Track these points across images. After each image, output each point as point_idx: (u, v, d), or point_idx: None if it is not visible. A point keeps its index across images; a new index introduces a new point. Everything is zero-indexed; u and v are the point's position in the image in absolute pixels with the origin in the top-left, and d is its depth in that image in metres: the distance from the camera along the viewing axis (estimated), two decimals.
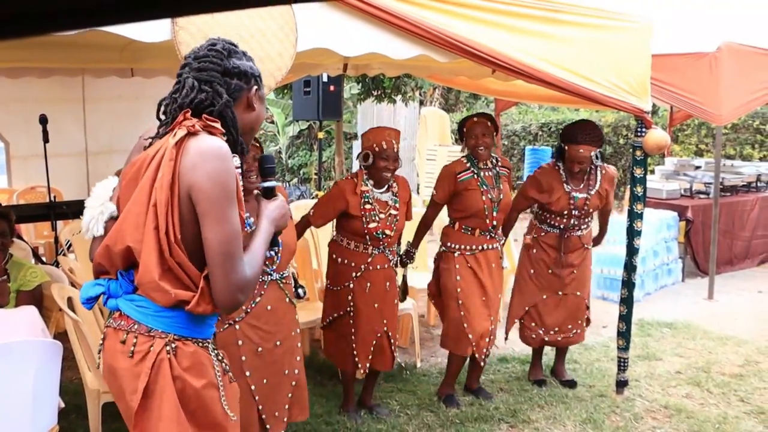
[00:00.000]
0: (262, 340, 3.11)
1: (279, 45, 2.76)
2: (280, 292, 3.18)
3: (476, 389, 4.55)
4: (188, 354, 1.97)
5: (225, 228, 1.88)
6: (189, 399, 1.96)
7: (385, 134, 3.90)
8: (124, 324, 1.97)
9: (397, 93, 8.72)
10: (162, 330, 1.94)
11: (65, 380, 4.05)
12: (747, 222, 8.28)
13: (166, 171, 1.88)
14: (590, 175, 4.41)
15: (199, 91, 1.97)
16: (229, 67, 2.01)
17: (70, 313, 3.43)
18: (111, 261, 1.99)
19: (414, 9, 3.17)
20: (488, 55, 3.43)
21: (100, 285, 2.02)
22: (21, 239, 5.15)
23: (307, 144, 15.52)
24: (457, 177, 4.18)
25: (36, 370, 2.81)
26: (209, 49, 2.03)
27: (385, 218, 3.91)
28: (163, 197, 1.87)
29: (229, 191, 1.89)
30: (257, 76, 2.10)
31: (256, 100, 2.09)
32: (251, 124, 2.12)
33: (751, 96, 6.47)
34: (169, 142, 1.91)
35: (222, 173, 1.88)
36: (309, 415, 3.54)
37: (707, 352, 5.40)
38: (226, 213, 1.88)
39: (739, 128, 11.63)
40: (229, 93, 2.01)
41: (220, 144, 1.92)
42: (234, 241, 1.89)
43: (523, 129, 14.21)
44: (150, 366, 1.91)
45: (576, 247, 4.47)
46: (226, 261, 1.88)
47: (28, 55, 4.37)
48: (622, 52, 3.92)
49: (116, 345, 1.98)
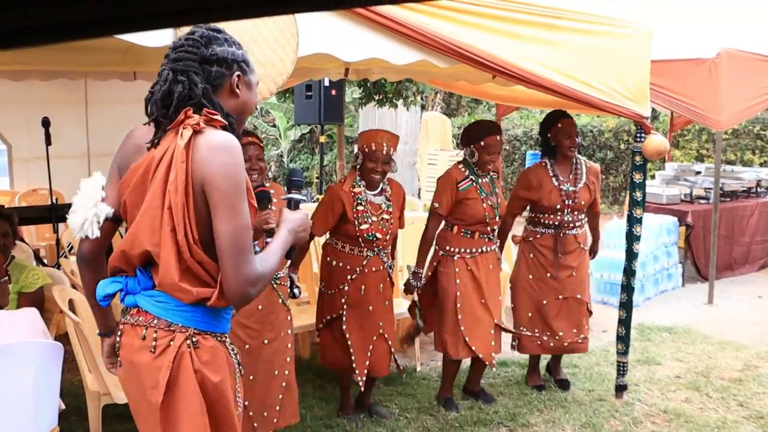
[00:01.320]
0: (250, 338, 3.14)
1: (280, 50, 2.78)
2: (273, 293, 3.20)
3: (478, 392, 4.56)
4: (208, 348, 1.99)
5: (236, 221, 1.89)
6: (207, 392, 1.98)
7: (377, 137, 3.89)
8: (142, 320, 1.99)
9: (398, 97, 8.72)
10: (182, 324, 1.97)
11: (66, 382, 4.06)
12: (747, 227, 8.28)
13: (179, 173, 1.89)
14: (576, 168, 4.47)
15: (174, 82, 1.96)
16: (207, 54, 1.99)
17: (71, 314, 3.45)
18: (128, 262, 2.01)
19: (414, 15, 3.19)
20: (488, 61, 3.45)
21: (118, 282, 2.04)
22: (23, 241, 5.17)
23: (308, 148, 15.55)
24: (458, 186, 4.17)
25: (36, 372, 2.82)
26: (186, 38, 2.02)
27: (377, 221, 3.90)
28: (178, 199, 1.89)
29: (239, 184, 1.91)
30: (241, 61, 2.06)
31: (242, 85, 2.07)
32: (239, 109, 2.09)
33: (750, 102, 6.50)
34: (177, 143, 1.91)
35: (232, 166, 1.90)
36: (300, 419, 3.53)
37: (707, 356, 5.41)
38: (237, 206, 1.90)
39: (740, 134, 11.65)
40: (210, 81, 1.99)
41: (228, 137, 1.94)
42: (245, 233, 1.91)
43: (524, 134, 14.23)
44: (171, 359, 1.93)
45: (572, 248, 4.48)
46: (236, 253, 1.89)
47: (31, 57, 4.40)
48: (622, 57, 3.94)
49: (135, 341, 1.99)
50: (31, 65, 4.95)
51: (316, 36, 2.98)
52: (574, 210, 4.42)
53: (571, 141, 4.37)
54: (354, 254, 3.93)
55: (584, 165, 4.51)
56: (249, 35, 2.67)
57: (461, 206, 4.17)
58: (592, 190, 4.47)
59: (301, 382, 4.71)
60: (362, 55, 3.22)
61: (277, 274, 3.25)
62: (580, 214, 4.48)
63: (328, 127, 9.92)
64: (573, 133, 4.37)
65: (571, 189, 4.40)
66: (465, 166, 4.23)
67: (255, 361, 3.17)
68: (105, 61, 4.60)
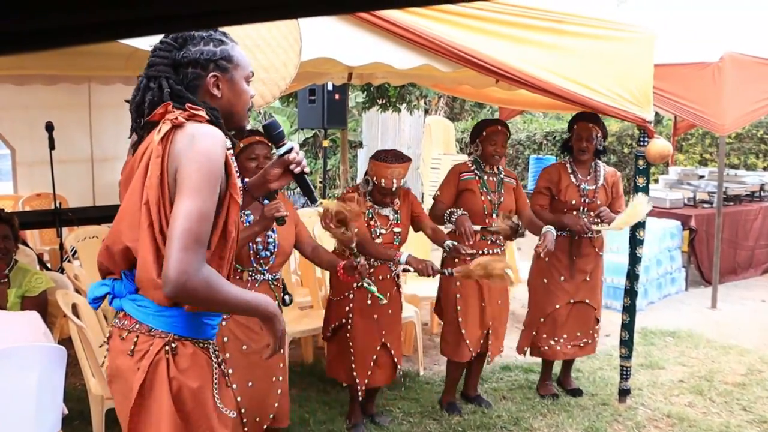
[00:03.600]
0: (250, 340, 3.12)
1: (284, 55, 2.78)
2: (270, 294, 3.18)
3: (474, 397, 4.55)
4: (187, 355, 1.95)
5: (196, 204, 1.79)
6: (185, 401, 1.94)
7: (387, 172, 3.75)
8: (127, 323, 1.98)
9: (401, 102, 8.74)
10: (162, 330, 1.94)
11: (69, 386, 4.07)
12: (750, 231, 8.27)
13: (154, 168, 1.86)
14: (595, 170, 4.48)
15: (146, 89, 1.94)
16: (179, 57, 1.94)
17: (74, 319, 3.45)
18: (113, 261, 2.00)
19: (417, 19, 3.19)
20: (491, 65, 3.45)
21: (106, 285, 2.03)
22: (26, 245, 5.18)
23: (312, 152, 15.56)
24: (460, 176, 4.21)
25: (39, 375, 2.82)
26: (162, 41, 1.97)
27: (387, 233, 3.89)
28: (153, 194, 1.85)
29: (209, 171, 1.82)
30: (218, 59, 1.97)
31: (223, 84, 1.99)
32: (224, 109, 2.02)
33: (753, 106, 6.50)
34: (153, 139, 1.88)
35: (205, 153, 1.82)
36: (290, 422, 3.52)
37: (710, 361, 5.40)
38: (202, 191, 1.80)
39: (744, 138, 11.62)
40: (186, 84, 1.94)
41: (209, 128, 1.88)
42: (201, 221, 1.79)
43: (527, 138, 14.22)
44: (147, 365, 1.91)
45: (588, 252, 4.47)
46: (187, 236, 1.76)
47: (35, 62, 4.41)
48: (625, 61, 3.94)
49: (119, 344, 1.98)
50: (34, 70, 4.97)
51: (320, 40, 2.99)
52: (591, 211, 4.41)
53: (579, 144, 4.38)
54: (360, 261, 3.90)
55: (603, 169, 4.51)
56: (252, 40, 2.68)
57: (461, 198, 4.20)
58: (608, 193, 4.47)
59: (305, 386, 4.73)
60: (366, 60, 3.23)
61: (275, 275, 3.25)
62: (597, 217, 4.47)
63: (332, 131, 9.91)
64: (583, 137, 4.36)
65: (589, 188, 4.41)
66: (473, 162, 4.28)
67: (253, 367, 3.14)
68: (108, 66, 4.61)
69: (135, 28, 0.61)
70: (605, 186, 4.46)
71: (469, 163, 4.29)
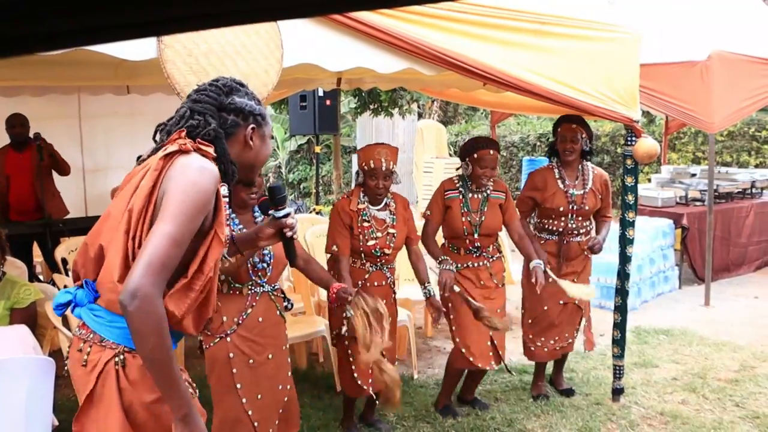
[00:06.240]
0: (254, 353, 3.09)
1: (264, 61, 2.79)
2: (271, 304, 3.17)
3: (471, 400, 4.55)
4: (137, 367, 1.92)
5: (171, 229, 1.79)
6: (137, 413, 1.93)
7: (374, 152, 3.80)
8: (84, 333, 1.99)
9: (393, 106, 8.74)
10: (113, 341, 1.93)
11: (60, 398, 4.06)
12: (743, 228, 8.29)
13: (148, 179, 1.90)
14: (583, 173, 4.46)
15: (189, 118, 2.01)
16: (226, 102, 2.06)
17: (64, 330, 3.45)
18: (84, 263, 2.00)
19: (398, 23, 3.19)
20: (475, 68, 3.45)
21: (69, 293, 2.03)
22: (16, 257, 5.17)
23: (306, 158, 15.59)
24: (445, 195, 4.20)
25: (28, 387, 2.82)
26: (210, 83, 2.10)
27: (383, 236, 3.88)
28: (138, 203, 1.88)
29: (193, 202, 1.84)
30: (257, 114, 2.12)
31: (256, 138, 2.12)
32: (250, 161, 2.14)
33: (742, 103, 6.52)
34: (158, 154, 1.94)
35: (193, 183, 1.85)
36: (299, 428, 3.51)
37: (703, 358, 5.41)
38: (180, 218, 1.81)
39: (735, 135, 11.67)
40: (224, 128, 2.04)
41: (207, 164, 1.92)
42: (172, 246, 1.79)
43: (521, 140, 14.25)
44: (96, 376, 1.92)
45: (576, 254, 4.47)
46: (155, 255, 1.76)
47: (24, 73, 4.41)
48: (611, 62, 3.95)
49: (75, 353, 1.99)
50: (22, 81, 4.97)
51: (301, 46, 2.99)
52: (579, 215, 4.41)
53: (564, 146, 4.37)
54: (356, 267, 3.88)
55: (591, 171, 4.50)
56: (233, 47, 2.69)
57: (446, 215, 4.20)
58: (598, 197, 4.47)
59: (298, 392, 4.67)
60: (348, 65, 3.23)
61: (274, 286, 3.24)
62: (585, 221, 4.46)
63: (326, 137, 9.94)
64: (567, 138, 4.35)
65: (577, 193, 4.40)
66: (460, 179, 4.25)
67: (260, 378, 3.11)
68: (97, 76, 4.62)
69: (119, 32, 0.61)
70: (594, 190, 4.45)
71: (456, 179, 4.26)
